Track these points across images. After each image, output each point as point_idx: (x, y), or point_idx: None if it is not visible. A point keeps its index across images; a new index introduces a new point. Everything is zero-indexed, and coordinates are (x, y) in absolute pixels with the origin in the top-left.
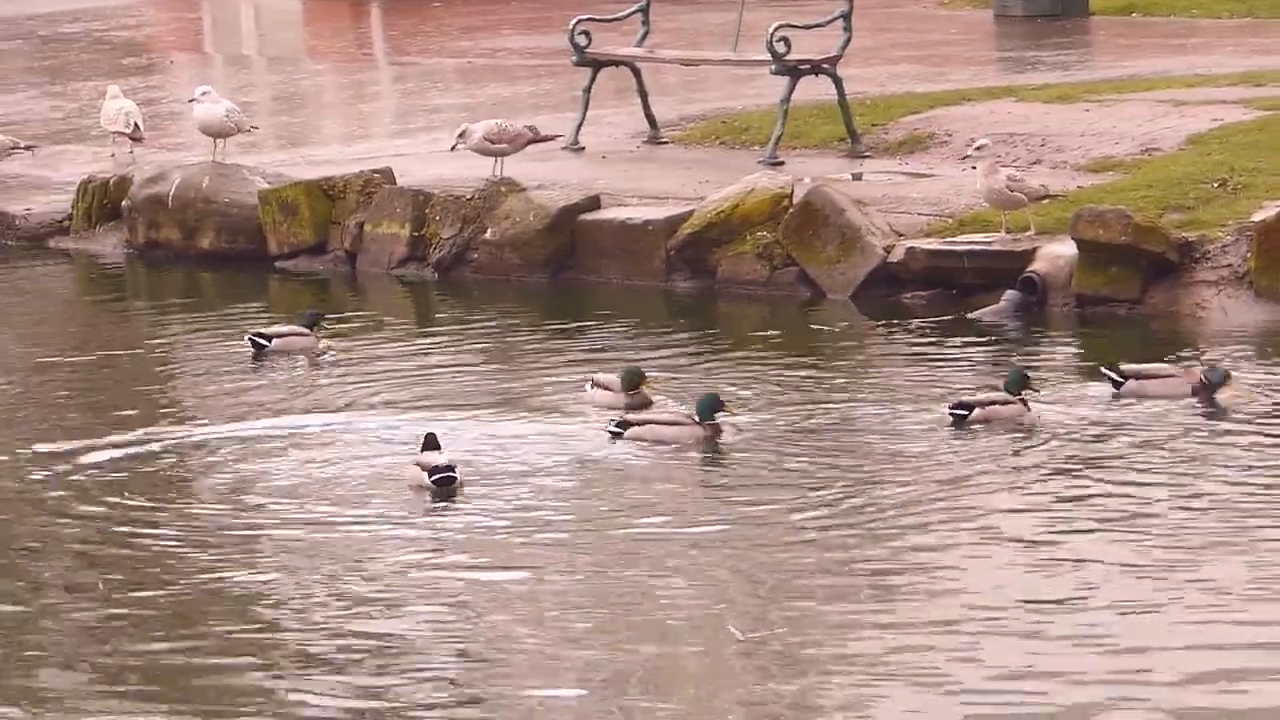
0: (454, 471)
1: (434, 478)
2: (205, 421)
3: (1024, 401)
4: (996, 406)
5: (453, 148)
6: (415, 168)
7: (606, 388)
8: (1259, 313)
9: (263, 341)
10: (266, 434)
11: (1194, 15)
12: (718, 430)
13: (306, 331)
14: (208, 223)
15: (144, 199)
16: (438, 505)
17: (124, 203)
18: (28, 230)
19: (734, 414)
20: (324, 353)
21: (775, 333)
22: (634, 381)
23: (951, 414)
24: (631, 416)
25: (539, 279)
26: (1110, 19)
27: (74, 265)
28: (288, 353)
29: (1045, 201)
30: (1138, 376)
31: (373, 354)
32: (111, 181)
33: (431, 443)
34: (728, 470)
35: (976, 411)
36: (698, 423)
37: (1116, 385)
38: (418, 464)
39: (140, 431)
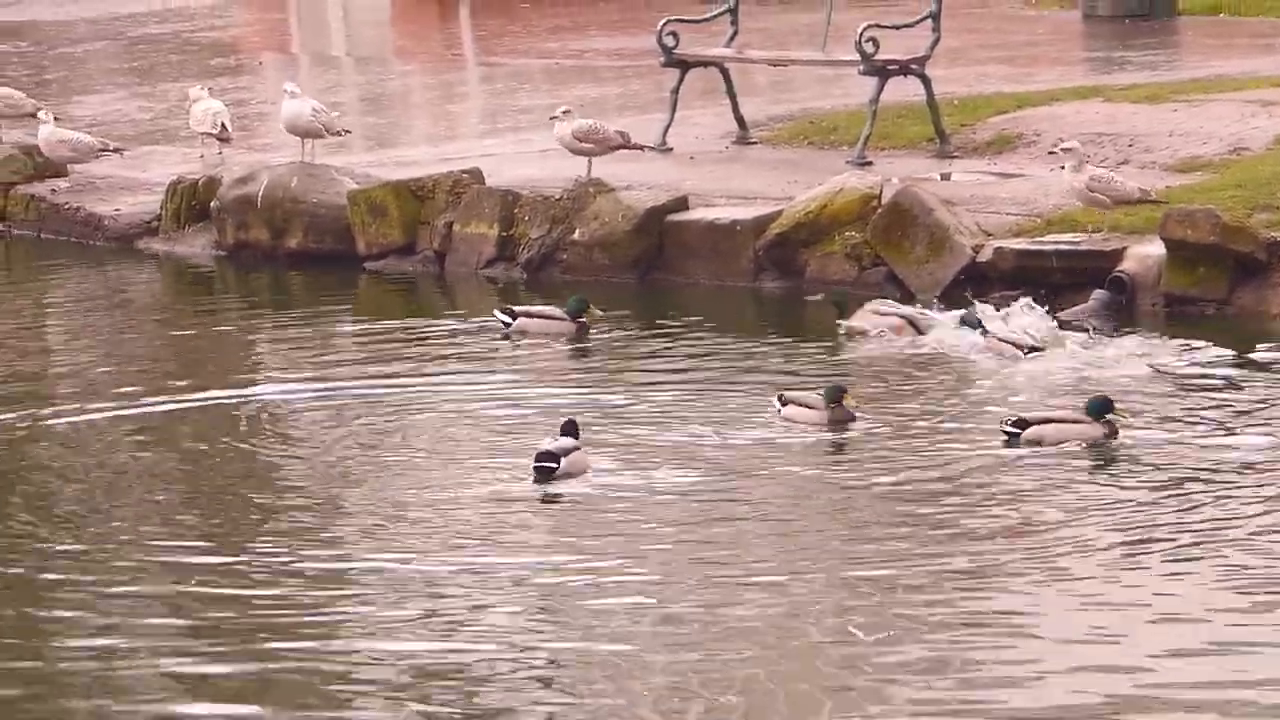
0: (557, 461)
1: (535, 463)
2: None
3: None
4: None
5: (552, 117)
6: (504, 168)
7: (804, 404)
8: None
9: (507, 318)
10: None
11: None
12: (1113, 430)
13: (561, 315)
14: (296, 223)
15: (232, 200)
16: (550, 489)
17: (213, 203)
18: (116, 231)
19: (1126, 416)
20: (582, 335)
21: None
22: (836, 396)
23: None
24: (1029, 415)
25: (627, 279)
26: (1198, 19)
27: (162, 266)
28: (532, 333)
29: (1137, 204)
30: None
31: (472, 352)
32: (200, 182)
33: (569, 429)
34: (850, 473)
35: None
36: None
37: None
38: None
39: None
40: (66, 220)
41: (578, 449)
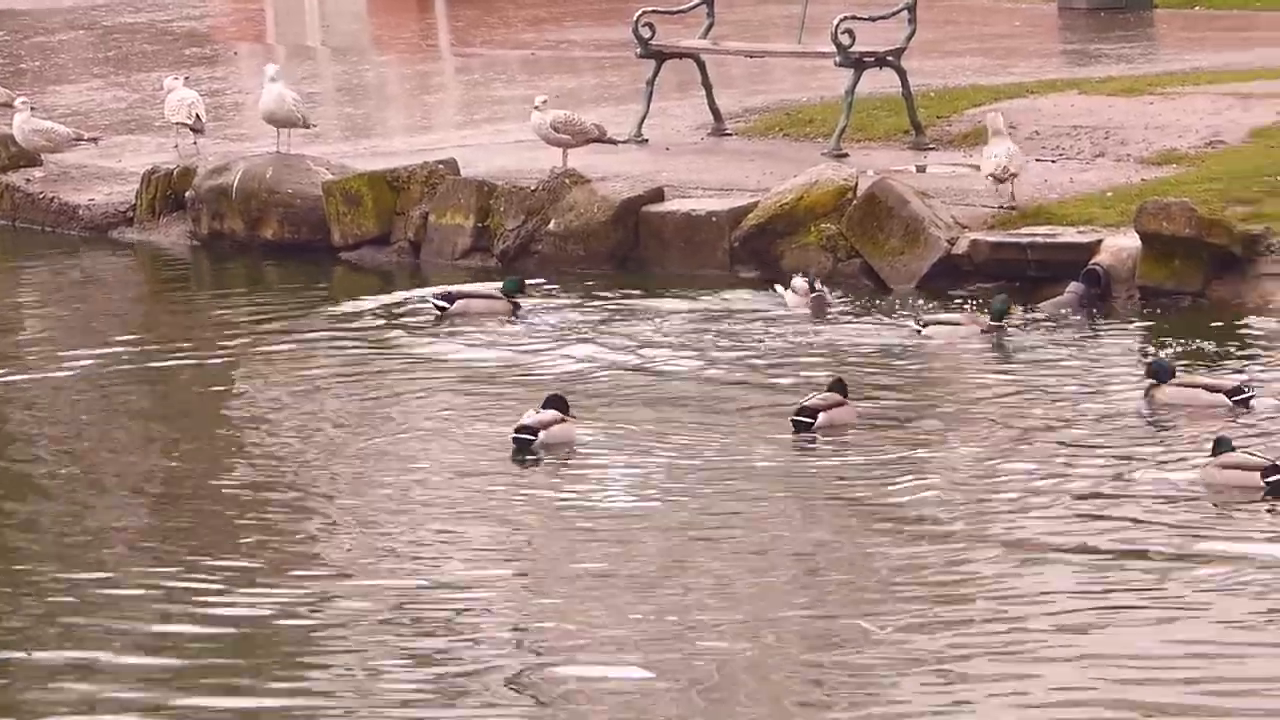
0: (534, 434)
1: (513, 435)
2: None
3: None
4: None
5: (535, 108)
6: (479, 159)
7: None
8: None
9: (443, 304)
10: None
11: (1257, 8)
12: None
13: (497, 295)
14: (272, 214)
15: (208, 190)
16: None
17: (188, 193)
18: (91, 221)
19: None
20: (515, 317)
21: (846, 324)
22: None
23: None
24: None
25: (603, 270)
26: (1174, 11)
27: (137, 256)
28: (468, 315)
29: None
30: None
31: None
32: (175, 172)
33: (550, 403)
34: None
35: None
36: None
37: None
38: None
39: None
40: (41, 210)
41: (560, 422)
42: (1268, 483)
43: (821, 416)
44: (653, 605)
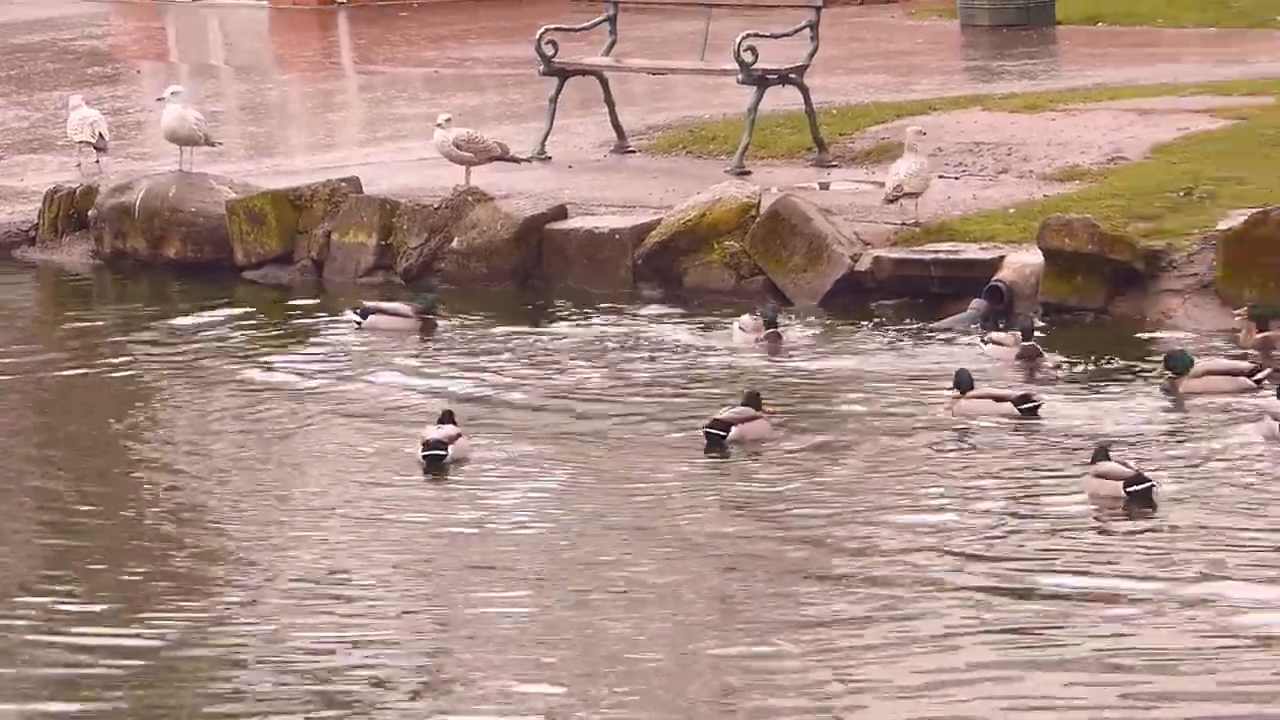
0: (445, 449)
1: (424, 452)
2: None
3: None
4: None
5: (437, 124)
6: (382, 177)
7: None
8: (1224, 321)
9: (359, 318)
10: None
11: (1159, 25)
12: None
13: (406, 311)
14: (174, 232)
15: (110, 208)
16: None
17: (90, 212)
18: None
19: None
20: (427, 335)
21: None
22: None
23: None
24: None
25: (506, 288)
26: (1076, 28)
27: (40, 275)
28: (381, 330)
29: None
30: None
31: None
32: (78, 191)
33: (446, 418)
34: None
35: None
36: None
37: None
38: (422, 439)
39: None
40: None
41: (460, 435)
42: (1128, 492)
43: (734, 430)
44: (557, 642)
